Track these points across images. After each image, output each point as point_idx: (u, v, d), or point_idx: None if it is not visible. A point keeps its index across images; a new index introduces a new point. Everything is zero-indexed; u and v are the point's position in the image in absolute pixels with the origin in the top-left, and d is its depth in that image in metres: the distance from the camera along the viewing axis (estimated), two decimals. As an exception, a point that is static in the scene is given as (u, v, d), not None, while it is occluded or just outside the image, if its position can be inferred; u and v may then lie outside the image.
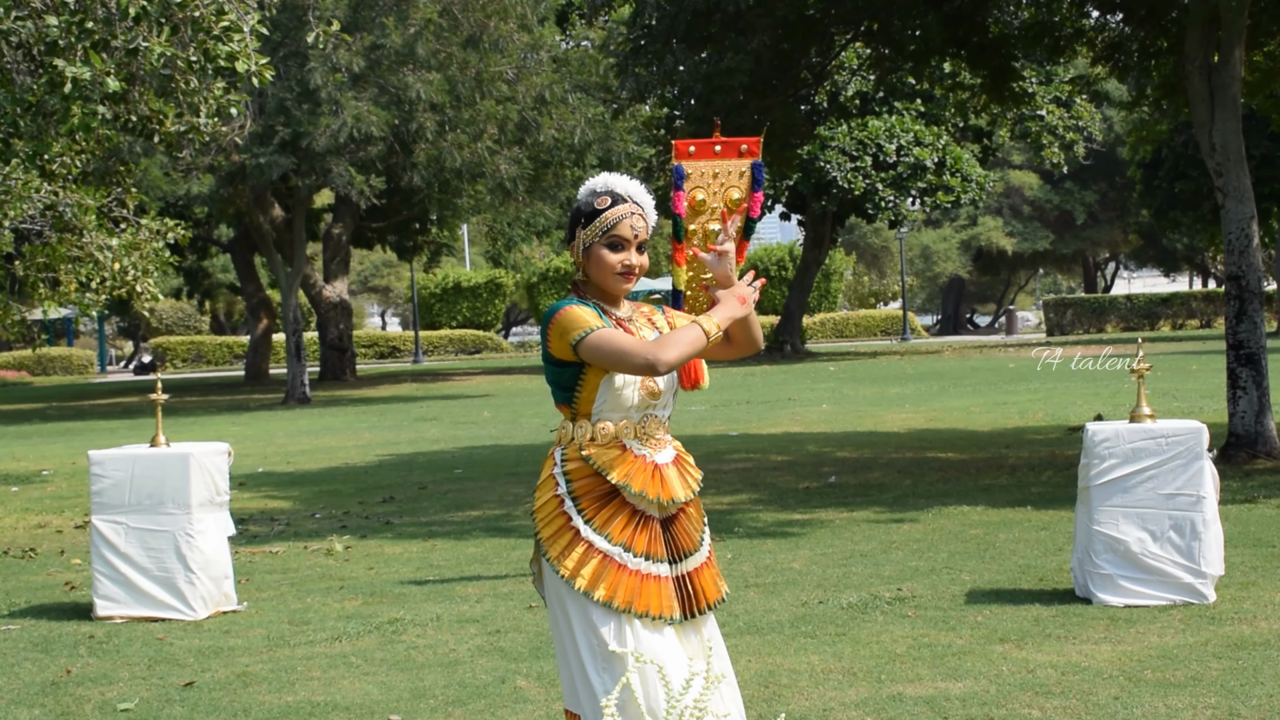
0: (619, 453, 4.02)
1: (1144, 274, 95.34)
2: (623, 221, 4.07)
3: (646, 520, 4.03)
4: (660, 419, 4.11)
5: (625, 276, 4.09)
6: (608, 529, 3.98)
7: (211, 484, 8.57)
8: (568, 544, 4.00)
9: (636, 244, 4.10)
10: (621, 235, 4.07)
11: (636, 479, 4.00)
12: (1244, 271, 13.48)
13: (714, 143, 6.91)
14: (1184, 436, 7.68)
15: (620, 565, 3.95)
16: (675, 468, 4.10)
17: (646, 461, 4.04)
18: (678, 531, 4.09)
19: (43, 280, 15.50)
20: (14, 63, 11.38)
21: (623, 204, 4.09)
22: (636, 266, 4.09)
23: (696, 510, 4.18)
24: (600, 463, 4.00)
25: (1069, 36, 16.73)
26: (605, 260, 4.07)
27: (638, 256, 4.10)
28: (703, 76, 18.15)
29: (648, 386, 4.04)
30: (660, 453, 4.09)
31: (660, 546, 4.03)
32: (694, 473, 4.17)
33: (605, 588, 3.93)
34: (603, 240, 4.07)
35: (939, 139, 42.95)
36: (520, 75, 28.60)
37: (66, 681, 7.05)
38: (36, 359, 56.33)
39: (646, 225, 4.13)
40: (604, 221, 4.06)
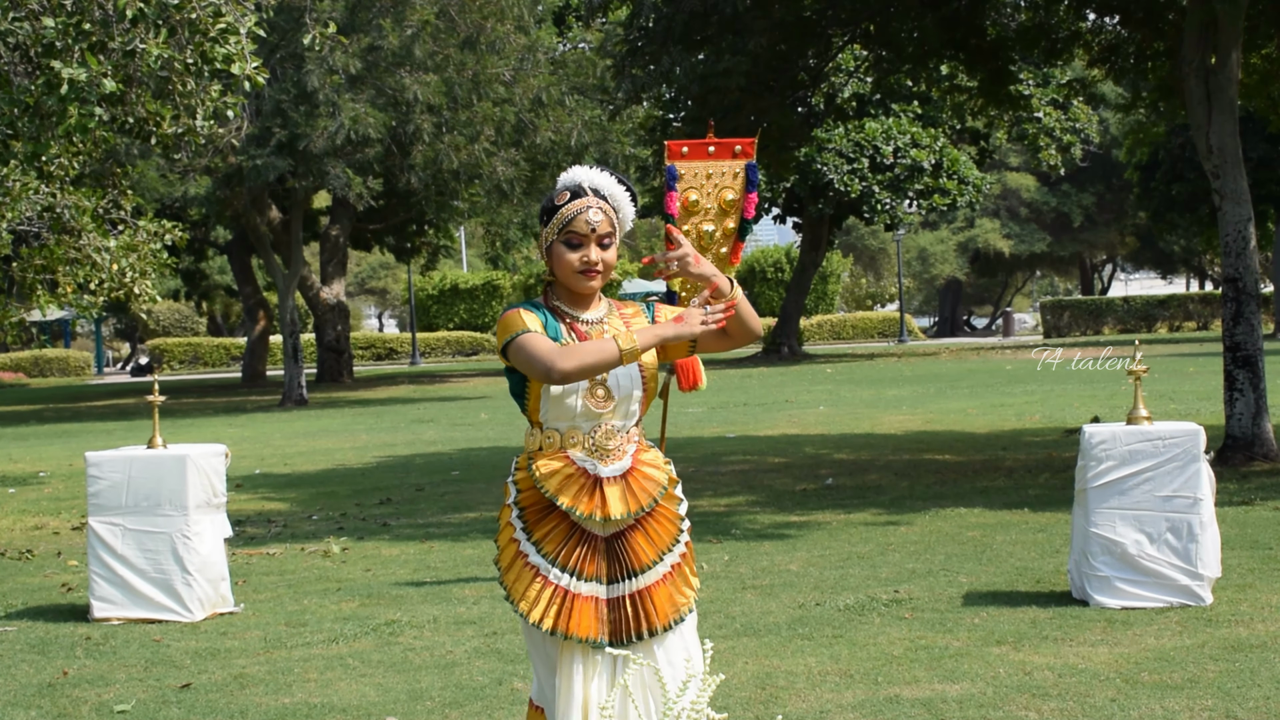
0: (560, 464, 3.89)
1: (1141, 276, 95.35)
2: (578, 217, 3.90)
3: (584, 536, 3.89)
4: (617, 429, 3.94)
5: (586, 274, 3.92)
6: (543, 542, 3.89)
7: (208, 486, 8.57)
8: (512, 558, 3.94)
9: (596, 239, 3.92)
10: (577, 230, 3.90)
11: (567, 492, 3.87)
12: (1241, 274, 13.49)
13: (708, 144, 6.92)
14: (1181, 439, 7.68)
15: (547, 581, 3.86)
16: (624, 481, 3.92)
17: (587, 475, 3.89)
18: (627, 548, 3.93)
19: (41, 282, 15.49)
20: (11, 64, 11.37)
21: (580, 198, 3.93)
22: (598, 263, 3.91)
23: (661, 522, 4.00)
24: (539, 474, 3.89)
25: (1066, 39, 16.74)
26: (563, 258, 3.92)
27: (599, 253, 3.92)
28: (699, 78, 18.12)
29: (593, 395, 3.88)
30: (611, 465, 3.91)
31: (593, 565, 3.89)
32: (650, 487, 3.96)
33: (538, 611, 3.85)
34: (560, 237, 3.92)
35: (936, 141, 42.97)
36: (517, 77, 28.59)
37: (63, 683, 7.04)
38: (33, 360, 56.30)
39: (609, 219, 3.94)
40: (561, 218, 3.91)
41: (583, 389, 3.88)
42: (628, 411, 3.96)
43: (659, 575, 3.96)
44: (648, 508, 3.93)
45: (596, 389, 3.89)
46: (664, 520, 4.02)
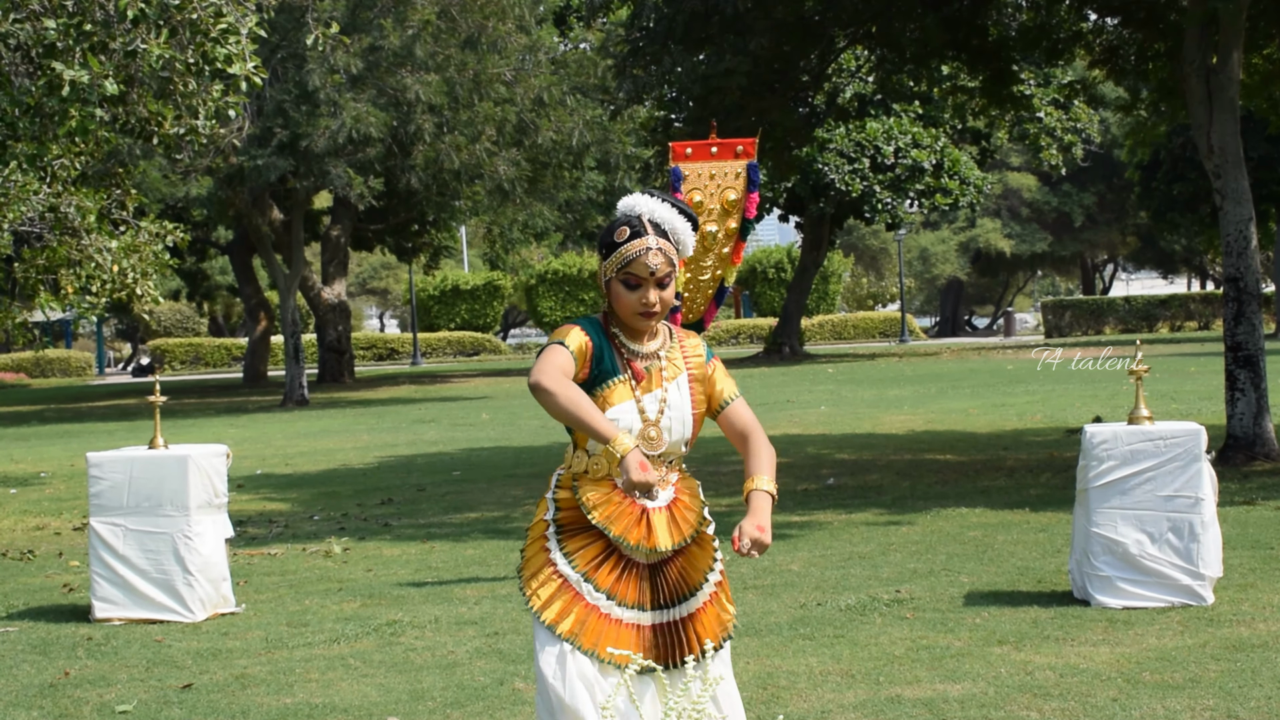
0: (607, 490, 3.85)
1: (1142, 276, 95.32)
2: (638, 259, 3.81)
3: (624, 561, 3.86)
4: (664, 462, 3.93)
5: (645, 316, 3.85)
6: (577, 559, 3.85)
7: (210, 486, 8.57)
8: (539, 568, 3.89)
9: (655, 280, 3.82)
10: (636, 274, 3.82)
11: (618, 523, 3.83)
12: (1242, 273, 13.49)
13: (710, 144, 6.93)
14: (1182, 438, 7.68)
15: (577, 595, 3.81)
16: (668, 512, 3.89)
17: (635, 505, 3.85)
18: (670, 576, 3.89)
19: (42, 283, 15.50)
20: (12, 65, 11.37)
21: (641, 237, 3.83)
22: (656, 304, 3.83)
23: (701, 547, 3.97)
24: (586, 499, 3.85)
25: (1067, 39, 16.73)
26: (621, 298, 3.84)
27: (657, 293, 3.83)
28: (700, 78, 18.13)
29: (645, 437, 3.84)
30: (657, 496, 3.88)
31: (634, 592, 3.84)
32: (689, 516, 3.93)
33: (555, 611, 3.80)
34: (619, 275, 3.84)
35: (937, 141, 42.97)
36: (518, 77, 28.60)
37: (65, 683, 7.04)
38: (35, 361, 56.31)
39: (668, 259, 3.84)
40: (620, 257, 3.82)
41: (636, 429, 3.84)
42: (677, 451, 3.95)
43: (705, 598, 3.93)
44: (690, 538, 3.91)
45: (650, 429, 3.86)
46: (702, 545, 3.99)
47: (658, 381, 3.91)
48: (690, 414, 3.93)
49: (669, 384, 3.92)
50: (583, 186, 35.13)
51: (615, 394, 3.86)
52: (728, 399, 4.05)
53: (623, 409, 3.85)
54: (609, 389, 3.86)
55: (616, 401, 3.85)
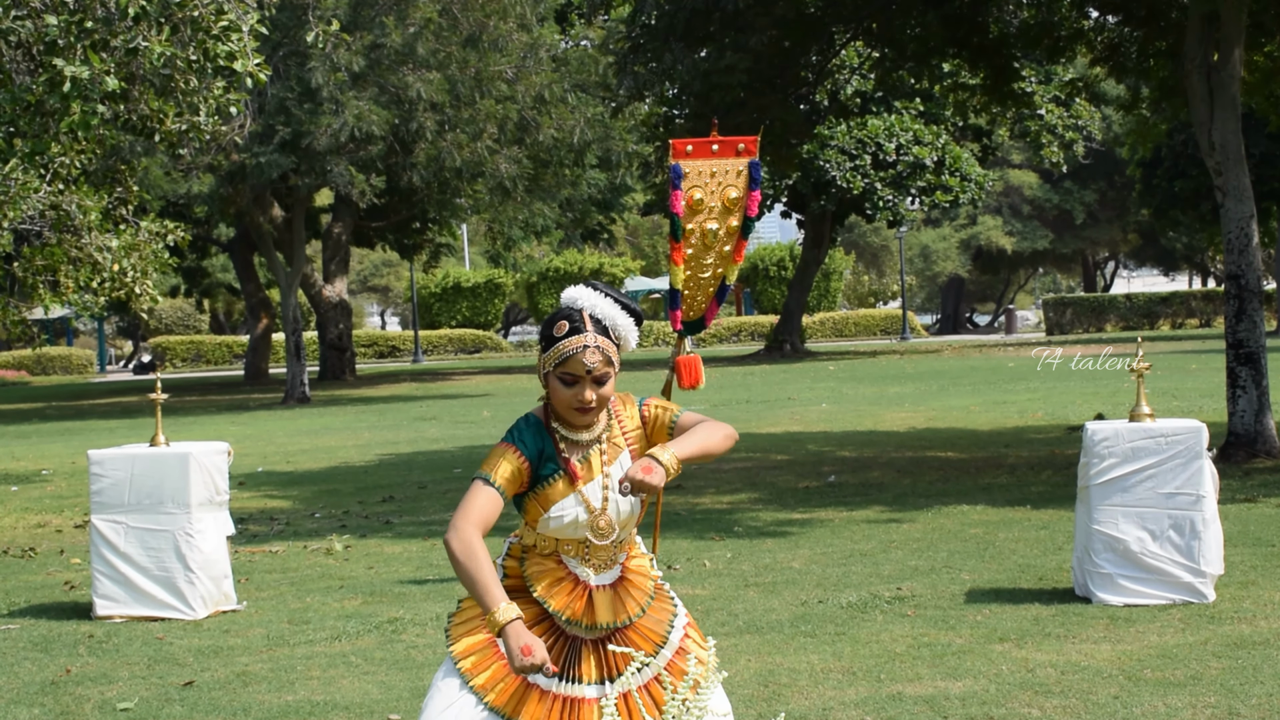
0: (552, 566, 3.79)
1: (1143, 273, 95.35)
2: (574, 357, 3.70)
3: (556, 631, 3.78)
4: (612, 545, 3.83)
5: (581, 412, 3.75)
6: None
7: (211, 483, 8.57)
8: (470, 619, 3.81)
9: (592, 379, 3.72)
10: (572, 371, 3.72)
11: (557, 598, 3.77)
12: (1243, 270, 13.48)
13: (711, 142, 6.92)
14: (1183, 436, 7.68)
15: (497, 652, 3.72)
16: (613, 590, 3.81)
17: (578, 583, 3.79)
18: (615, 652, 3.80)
19: (42, 281, 15.50)
20: (13, 62, 11.38)
21: (579, 334, 3.72)
22: (591, 401, 3.72)
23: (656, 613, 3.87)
24: (529, 572, 3.80)
25: (1068, 37, 16.73)
26: (558, 394, 3.75)
27: (594, 390, 3.72)
28: (702, 75, 18.13)
29: (595, 528, 3.77)
30: (602, 574, 3.82)
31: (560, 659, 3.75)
32: (638, 596, 3.84)
33: (472, 662, 3.72)
34: (556, 372, 3.74)
35: (938, 138, 42.94)
36: (520, 75, 28.60)
37: (66, 681, 7.05)
38: (36, 359, 56.32)
39: (606, 357, 3.73)
40: (557, 353, 3.72)
41: (583, 521, 3.76)
42: (627, 527, 3.86)
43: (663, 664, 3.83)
44: (635, 617, 3.82)
45: (598, 520, 3.78)
46: (658, 614, 3.89)
47: (597, 468, 3.81)
48: None
49: (609, 467, 3.82)
50: (584, 184, 35.13)
51: (555, 490, 3.77)
52: (671, 421, 3.89)
53: (565, 505, 3.77)
54: (549, 486, 3.78)
55: (557, 498, 3.76)
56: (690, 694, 3.36)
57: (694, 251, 7.00)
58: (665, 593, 3.94)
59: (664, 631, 3.85)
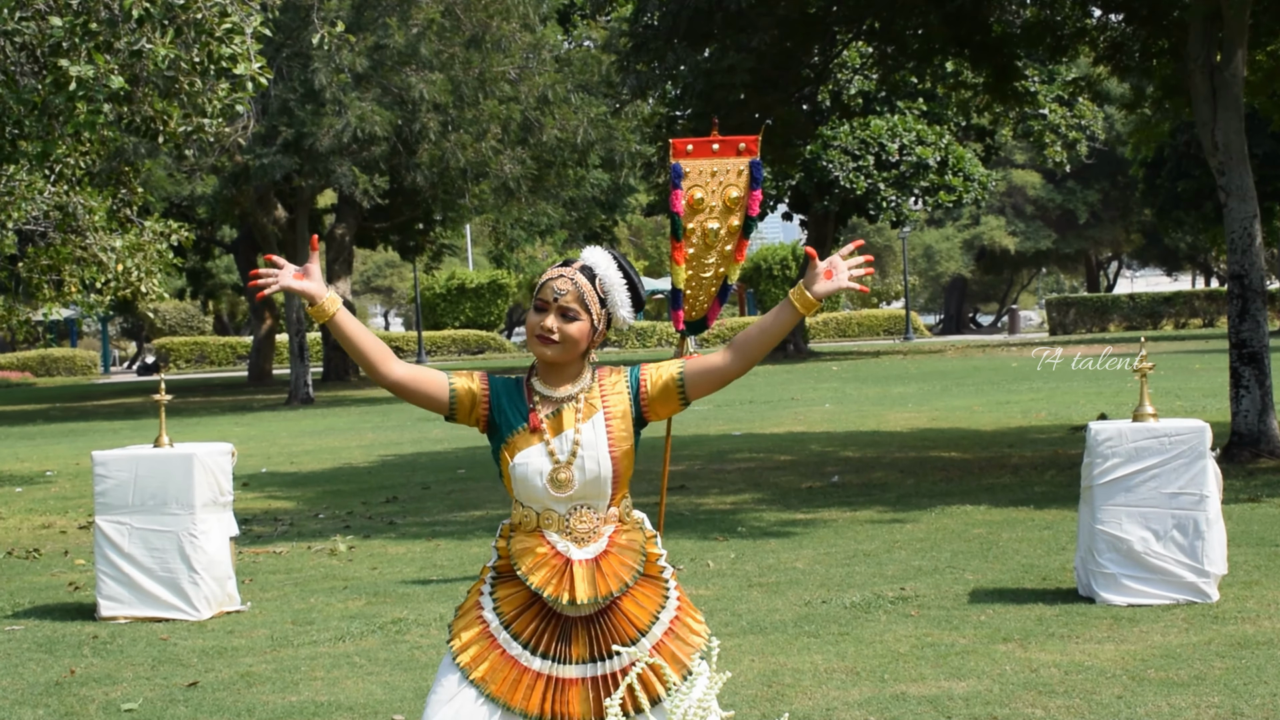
0: (534, 542, 3.82)
1: (1147, 273, 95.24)
2: (548, 283, 3.83)
3: (547, 612, 3.81)
4: (591, 511, 3.84)
5: (542, 340, 3.82)
6: (503, 604, 3.83)
7: (215, 484, 8.58)
8: (468, 610, 3.87)
9: (559, 308, 3.80)
10: (544, 297, 3.83)
11: (538, 573, 3.79)
12: (1247, 270, 13.48)
13: (712, 141, 6.93)
14: (1187, 435, 7.68)
15: (495, 642, 3.79)
16: (594, 564, 3.81)
17: (559, 556, 3.80)
18: (605, 629, 3.81)
19: (47, 281, 15.52)
20: (18, 64, 11.40)
21: (561, 268, 3.87)
22: (552, 330, 3.79)
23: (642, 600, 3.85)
24: (514, 549, 3.84)
25: (1071, 36, 16.72)
26: (529, 321, 3.86)
27: (557, 321, 3.80)
28: (704, 74, 18.14)
29: (555, 479, 3.80)
30: (584, 548, 3.82)
31: (553, 642, 3.78)
32: (623, 571, 3.83)
33: (470, 655, 3.78)
34: (534, 301, 3.87)
35: (941, 138, 42.93)
36: (523, 75, 28.60)
37: (70, 682, 7.06)
38: (40, 360, 56.35)
39: (579, 294, 3.81)
40: (537, 282, 3.88)
41: (545, 473, 3.80)
42: (599, 493, 3.85)
43: (654, 641, 3.83)
44: (618, 592, 3.81)
45: (560, 471, 3.80)
46: (649, 589, 3.89)
47: (570, 422, 3.84)
48: (607, 453, 3.83)
49: (583, 424, 3.84)
50: (587, 184, 35.12)
51: (521, 439, 3.83)
52: (680, 369, 3.92)
53: (530, 452, 3.81)
54: (515, 435, 3.84)
55: (523, 446, 3.82)
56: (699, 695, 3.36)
57: (695, 251, 7.01)
58: (660, 579, 3.90)
59: (647, 621, 3.84)
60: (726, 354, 3.89)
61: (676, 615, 3.89)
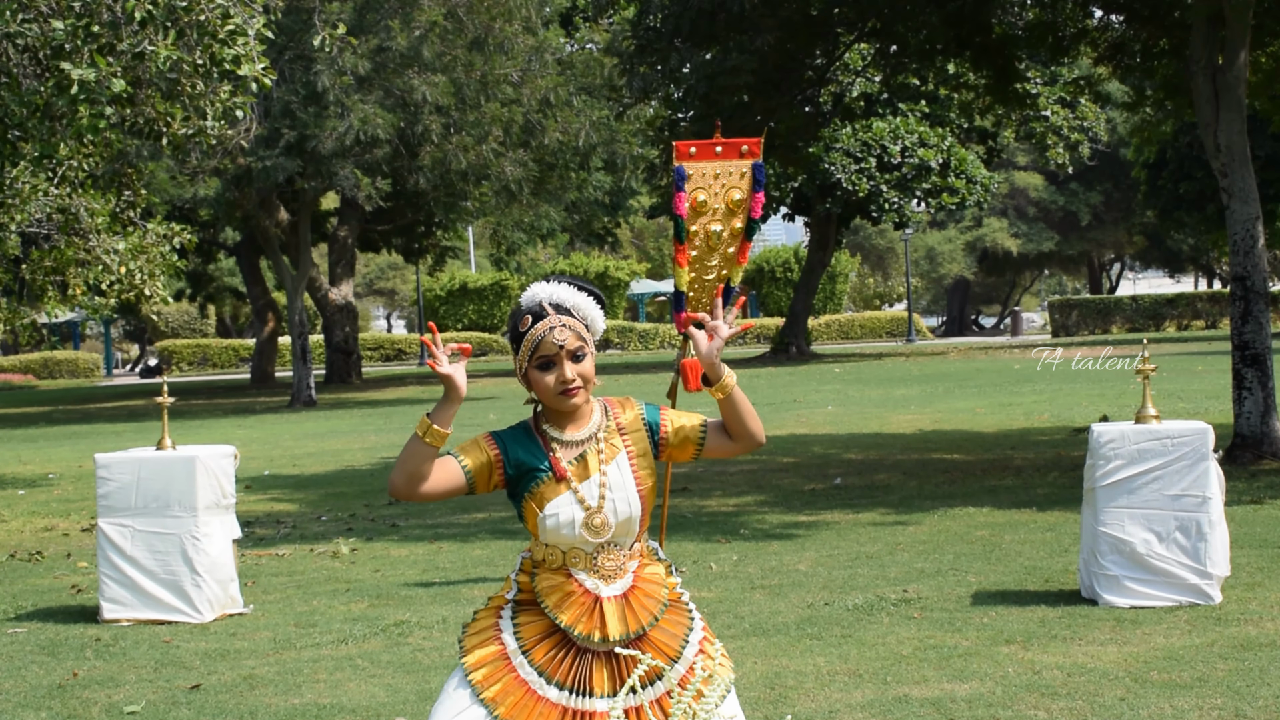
0: (562, 579, 3.79)
1: (1149, 275, 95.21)
2: (545, 339, 3.77)
3: (570, 644, 3.77)
4: (619, 548, 3.82)
5: (567, 395, 3.79)
6: (523, 631, 3.79)
7: (217, 487, 8.58)
8: (483, 629, 3.83)
9: (568, 355, 3.77)
10: (546, 353, 3.78)
11: (569, 611, 3.76)
12: (1249, 272, 13.47)
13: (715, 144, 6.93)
14: (1189, 437, 7.68)
15: (511, 666, 3.74)
16: (623, 600, 3.79)
17: (587, 594, 3.78)
18: (627, 662, 3.77)
19: (50, 284, 15.53)
20: (21, 66, 11.40)
21: (543, 319, 3.80)
22: (574, 380, 3.77)
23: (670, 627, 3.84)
24: (540, 587, 3.80)
25: (1072, 36, 16.71)
26: (540, 383, 3.81)
27: (573, 368, 3.77)
28: (707, 76, 18.15)
29: (590, 526, 3.76)
30: (613, 584, 3.80)
31: (570, 673, 3.74)
32: (650, 605, 3.81)
33: (483, 674, 3.74)
34: (533, 363, 3.81)
35: (943, 140, 42.92)
36: (525, 78, 28.61)
37: (73, 684, 7.06)
38: (43, 362, 56.38)
39: (577, 333, 3.79)
40: (529, 342, 3.80)
41: (579, 521, 3.76)
42: (629, 531, 3.83)
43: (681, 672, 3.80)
44: (647, 627, 3.80)
45: (594, 517, 3.77)
46: (674, 623, 3.87)
47: (594, 466, 3.81)
48: (635, 492, 3.82)
49: (607, 466, 3.82)
50: (589, 187, 35.14)
51: (548, 489, 3.79)
52: (702, 426, 3.92)
53: (559, 503, 3.77)
54: (541, 485, 3.79)
55: (551, 497, 3.78)
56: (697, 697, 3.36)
57: (698, 253, 7.01)
58: (682, 604, 3.90)
59: (678, 646, 3.82)
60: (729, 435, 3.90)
61: (704, 637, 3.87)
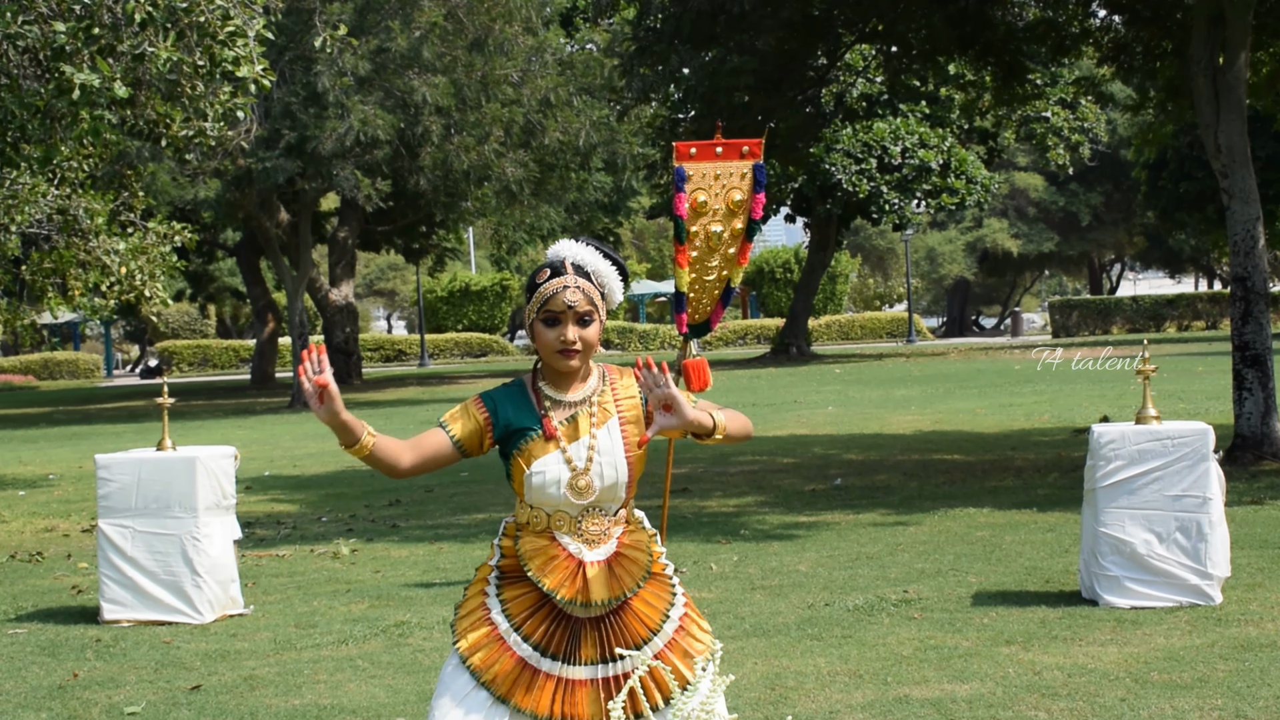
0: (545, 543, 3.81)
1: (1149, 275, 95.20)
2: (556, 295, 3.78)
3: (558, 613, 3.79)
4: (603, 513, 3.84)
5: (565, 354, 3.79)
6: (511, 606, 3.81)
7: (218, 487, 8.58)
8: (473, 610, 3.85)
9: (575, 317, 3.78)
10: (554, 309, 3.79)
11: (552, 576, 3.78)
12: (1249, 273, 13.47)
13: (715, 144, 6.93)
14: (1190, 438, 7.68)
15: (505, 644, 3.77)
16: (607, 565, 3.81)
17: (570, 558, 3.79)
18: (614, 629, 3.80)
19: (51, 285, 15.53)
20: (21, 68, 11.40)
21: (560, 275, 3.81)
22: (575, 342, 3.78)
23: (654, 593, 3.86)
24: (523, 550, 3.82)
25: (1075, 36, 16.71)
26: (542, 337, 3.82)
27: (577, 331, 3.78)
28: (707, 77, 18.15)
29: (574, 487, 3.78)
30: (596, 549, 3.81)
31: (564, 643, 3.77)
32: (634, 570, 3.83)
33: (480, 657, 3.76)
34: (539, 315, 3.82)
35: (944, 141, 42.92)
36: (525, 78, 28.61)
37: (73, 685, 7.06)
38: (43, 363, 56.38)
39: (588, 297, 3.80)
40: (540, 295, 3.81)
41: (564, 481, 3.78)
42: (614, 497, 3.85)
43: (663, 643, 3.83)
44: (631, 592, 3.81)
45: (579, 479, 3.79)
46: (657, 590, 3.89)
47: (585, 428, 3.83)
48: (624, 458, 3.83)
49: (598, 429, 3.83)
50: (589, 187, 35.14)
51: (536, 447, 3.81)
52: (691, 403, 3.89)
53: (547, 461, 3.79)
54: (530, 443, 3.81)
55: (539, 454, 3.80)
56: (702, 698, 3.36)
57: (698, 254, 7.01)
58: (665, 576, 3.91)
59: (658, 619, 3.84)
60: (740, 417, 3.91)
61: (685, 613, 3.89)
